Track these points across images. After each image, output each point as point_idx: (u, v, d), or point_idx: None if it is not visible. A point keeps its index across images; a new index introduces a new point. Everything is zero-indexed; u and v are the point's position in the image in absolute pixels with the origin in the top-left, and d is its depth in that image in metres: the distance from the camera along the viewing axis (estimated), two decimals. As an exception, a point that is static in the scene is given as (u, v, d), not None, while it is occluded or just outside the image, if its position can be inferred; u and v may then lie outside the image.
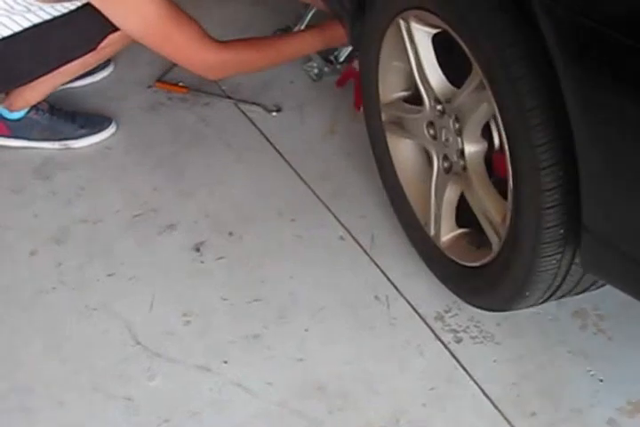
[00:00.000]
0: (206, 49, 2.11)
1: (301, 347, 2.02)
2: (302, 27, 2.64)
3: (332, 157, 2.51)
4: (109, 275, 2.17)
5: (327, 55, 2.68)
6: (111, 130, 2.56)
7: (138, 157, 2.51)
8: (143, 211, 2.34)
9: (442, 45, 1.86)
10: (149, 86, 2.73)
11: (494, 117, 1.66)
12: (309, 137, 2.57)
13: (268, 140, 2.55)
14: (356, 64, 2.52)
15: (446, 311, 2.09)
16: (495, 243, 1.78)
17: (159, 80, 2.71)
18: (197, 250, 2.23)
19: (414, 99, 2.05)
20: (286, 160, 2.49)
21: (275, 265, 2.20)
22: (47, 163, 2.50)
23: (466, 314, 2.07)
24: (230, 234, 2.28)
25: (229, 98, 2.66)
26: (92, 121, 2.54)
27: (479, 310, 2.01)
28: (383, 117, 2.12)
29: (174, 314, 2.08)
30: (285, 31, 2.70)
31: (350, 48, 2.62)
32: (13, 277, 2.18)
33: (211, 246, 2.25)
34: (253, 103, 2.66)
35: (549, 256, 1.61)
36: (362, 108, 2.51)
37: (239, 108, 2.66)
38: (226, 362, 1.98)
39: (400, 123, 2.08)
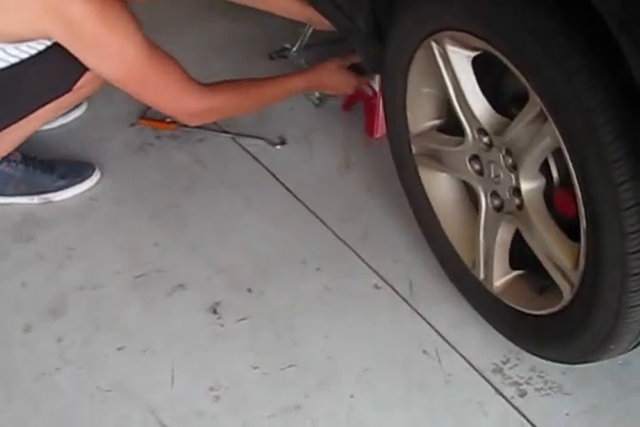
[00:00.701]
0: (189, 94, 2.13)
1: (350, 416, 2.01)
2: (302, 47, 2.64)
3: (351, 192, 2.52)
4: (119, 349, 2.16)
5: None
6: (95, 178, 2.54)
7: (130, 208, 2.50)
8: (146, 271, 2.32)
9: (480, 66, 1.87)
10: (132, 124, 2.72)
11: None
12: (322, 171, 2.58)
13: (276, 178, 2.56)
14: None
15: (504, 362, 2.10)
16: (566, 291, 1.78)
17: (143, 117, 2.70)
18: (214, 312, 2.22)
19: (449, 127, 2.06)
20: (300, 200, 2.49)
21: (305, 323, 2.19)
22: (27, 220, 2.48)
23: (526, 364, 2.08)
24: (249, 290, 2.27)
25: (225, 132, 2.66)
26: (72, 169, 2.53)
27: (541, 359, 2.01)
28: (414, 150, 2.13)
29: (200, 389, 2.07)
30: (282, 53, 2.69)
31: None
32: (9, 359, 2.15)
33: (229, 306, 2.24)
34: (253, 136, 2.66)
35: (638, 306, 1.61)
36: (376, 134, 2.55)
37: (238, 144, 2.66)
38: (267, 440, 1.97)
39: (435, 156, 2.09)
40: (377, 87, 2.51)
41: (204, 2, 2.49)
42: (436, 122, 2.10)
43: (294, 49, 2.68)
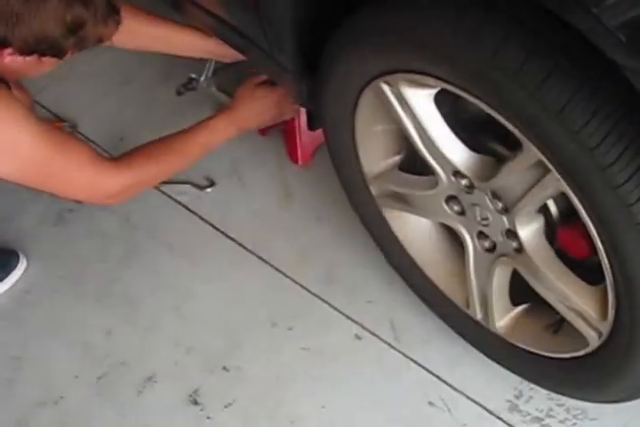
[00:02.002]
0: (102, 176, 1.74)
1: None
2: (209, 74, 2.25)
3: (300, 227, 2.19)
4: (100, 469, 1.83)
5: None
6: (22, 267, 2.16)
7: (69, 295, 2.12)
8: (107, 368, 1.98)
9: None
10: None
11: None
12: (263, 209, 2.24)
13: (215, 228, 2.21)
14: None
15: (517, 396, 1.86)
16: (593, 339, 1.53)
17: (52, 180, 2.28)
18: (195, 402, 1.91)
19: (413, 164, 1.74)
20: (249, 250, 2.16)
21: (296, 396, 1.91)
22: (-42, 331, 2.09)
23: (541, 394, 1.84)
24: (225, 369, 1.96)
25: (147, 183, 2.26)
26: (-6, 263, 2.13)
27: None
28: (374, 192, 1.81)
29: None
30: (190, 85, 2.29)
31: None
32: None
33: (210, 392, 1.92)
34: (178, 182, 2.28)
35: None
36: (301, 161, 2.26)
37: (164, 193, 2.28)
38: None
39: (402, 198, 1.77)
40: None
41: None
42: (396, 158, 1.78)
43: (202, 79, 2.27)
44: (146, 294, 2.10)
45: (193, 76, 2.31)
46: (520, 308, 1.74)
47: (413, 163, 1.75)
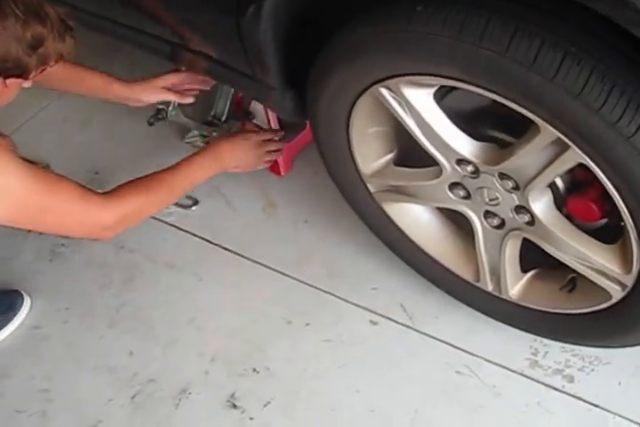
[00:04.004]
0: (94, 209, 1.68)
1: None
2: (176, 104, 2.22)
3: (291, 232, 2.18)
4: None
5: (205, 118, 2.27)
6: (27, 304, 2.09)
7: (82, 324, 2.07)
8: (138, 387, 1.93)
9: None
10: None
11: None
12: (250, 220, 2.22)
13: (210, 242, 2.18)
14: (250, 126, 2.16)
15: (535, 354, 1.89)
16: (616, 292, 1.57)
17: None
18: (234, 406, 1.88)
19: (407, 158, 1.75)
20: (247, 258, 2.14)
21: (328, 385, 1.89)
22: (-21, 372, 2.01)
23: (555, 347, 1.88)
24: (255, 371, 1.93)
25: (132, 209, 2.21)
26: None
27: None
28: (372, 189, 1.83)
29: None
30: (160, 115, 2.25)
31: (228, 103, 2.24)
32: None
33: (246, 395, 1.90)
34: (162, 204, 2.23)
35: None
36: (284, 172, 2.26)
37: (151, 217, 2.21)
38: None
39: (402, 190, 1.78)
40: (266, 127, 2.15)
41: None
42: (389, 156, 1.79)
43: (170, 108, 2.24)
44: (157, 313, 2.05)
45: (160, 106, 2.27)
46: (529, 274, 1.77)
47: (406, 158, 1.76)
